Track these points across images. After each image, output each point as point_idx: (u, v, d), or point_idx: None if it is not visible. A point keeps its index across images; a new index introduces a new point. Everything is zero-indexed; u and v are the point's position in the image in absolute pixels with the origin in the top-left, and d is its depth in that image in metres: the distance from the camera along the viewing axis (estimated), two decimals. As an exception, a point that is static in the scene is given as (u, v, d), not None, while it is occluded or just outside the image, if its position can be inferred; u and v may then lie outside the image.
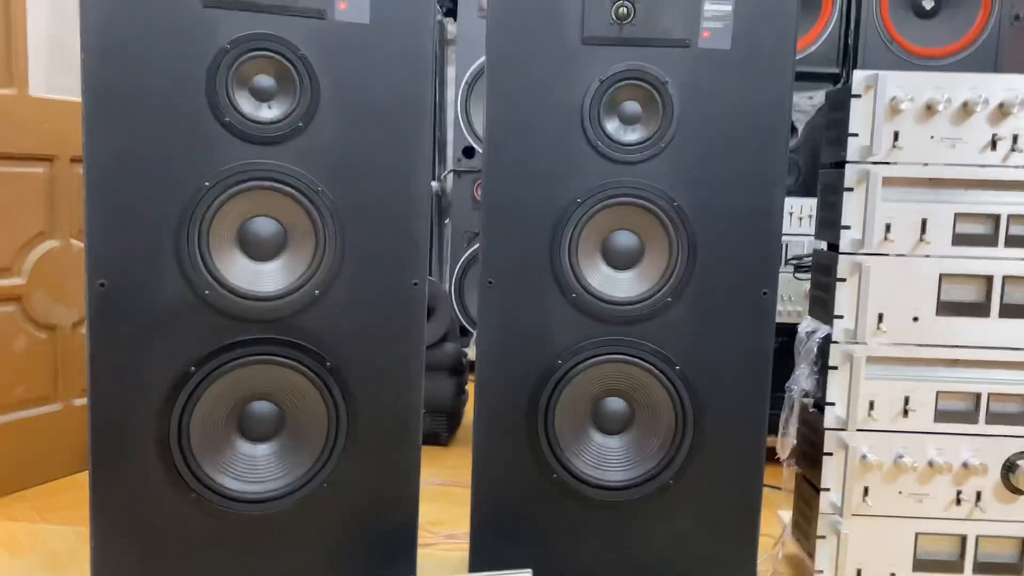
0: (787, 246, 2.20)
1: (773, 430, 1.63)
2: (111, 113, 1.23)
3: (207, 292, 1.28)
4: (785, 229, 2.27)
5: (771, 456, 1.72)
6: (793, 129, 2.62)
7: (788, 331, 1.66)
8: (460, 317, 3.21)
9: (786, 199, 2.30)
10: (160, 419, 1.29)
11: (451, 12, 3.43)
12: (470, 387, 2.41)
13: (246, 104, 1.28)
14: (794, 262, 1.84)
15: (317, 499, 1.37)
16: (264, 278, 1.32)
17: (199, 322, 1.29)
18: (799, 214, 2.25)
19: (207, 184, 1.27)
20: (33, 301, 1.99)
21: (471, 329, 3.21)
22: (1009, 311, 1.40)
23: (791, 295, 2.15)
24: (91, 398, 1.27)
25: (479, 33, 3.10)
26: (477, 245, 3.05)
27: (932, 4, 2.64)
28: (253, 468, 1.36)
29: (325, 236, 1.32)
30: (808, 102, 2.57)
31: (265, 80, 1.29)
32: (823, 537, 1.47)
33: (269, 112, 1.30)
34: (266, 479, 1.36)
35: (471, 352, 2.72)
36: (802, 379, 1.52)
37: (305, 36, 1.29)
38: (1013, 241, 1.39)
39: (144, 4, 1.22)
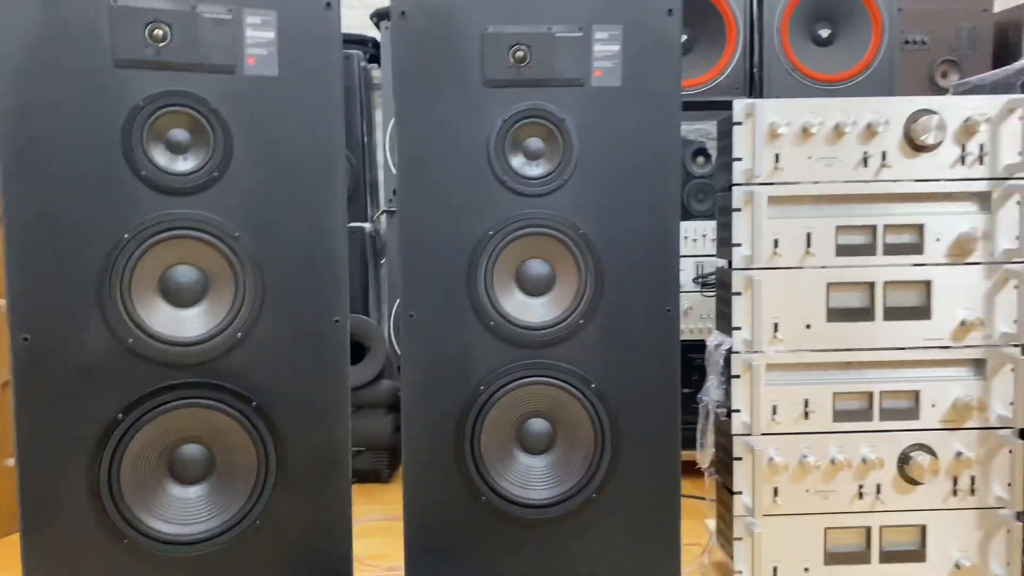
0: (701, 266, 2.31)
1: (695, 443, 1.72)
2: (28, 171, 1.27)
3: (131, 340, 1.32)
4: (700, 250, 2.40)
5: (696, 468, 1.80)
6: (708, 156, 2.76)
7: (703, 347, 1.75)
8: (396, 356, 3.25)
9: (700, 222, 2.43)
10: (90, 468, 1.32)
11: (375, 59, 3.52)
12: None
13: (161, 157, 1.34)
14: (700, 280, 1.94)
15: (251, 537, 1.40)
16: (187, 324, 1.37)
17: (125, 370, 1.33)
18: (711, 236, 2.36)
19: (126, 236, 1.31)
20: (-40, 362, 1.99)
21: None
22: (892, 314, 1.52)
23: (707, 313, 2.26)
24: (18, 452, 1.29)
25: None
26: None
27: (828, 32, 2.81)
28: (185, 511, 1.39)
29: (244, 280, 1.37)
30: (716, 130, 2.69)
31: (179, 134, 1.35)
32: (739, 539, 1.54)
33: (184, 164, 1.35)
34: (198, 520, 1.39)
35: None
36: (713, 389, 1.61)
37: (216, 91, 1.35)
38: (890, 249, 1.51)
39: (57, 65, 1.27)
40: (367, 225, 3.20)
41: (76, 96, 1.28)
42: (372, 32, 3.34)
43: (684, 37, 2.63)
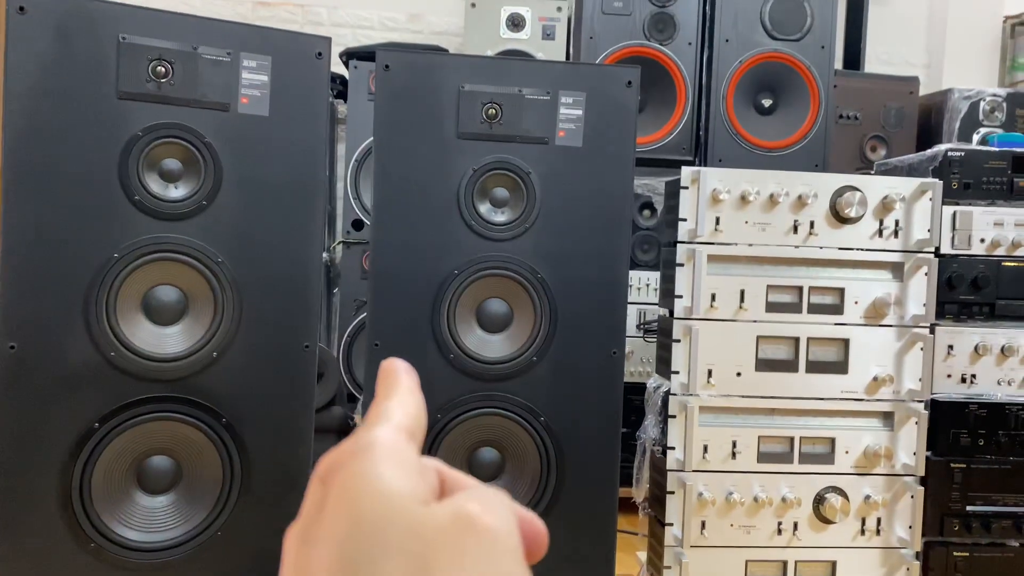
0: (644, 314, 2.47)
1: (631, 480, 1.85)
2: (28, 189, 1.35)
3: (113, 354, 1.40)
4: (643, 298, 2.55)
5: (631, 506, 1.93)
6: (654, 209, 2.93)
7: (643, 389, 1.89)
8: (347, 383, 3.33)
9: (644, 272, 2.59)
10: (63, 473, 1.38)
11: (341, 94, 3.64)
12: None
13: (154, 184, 1.43)
14: (642, 327, 2.09)
15: (213, 547, 1.47)
16: (166, 341, 1.45)
17: (104, 382, 1.40)
18: (654, 285, 2.52)
19: (116, 255, 1.40)
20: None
21: (357, 395, 3.33)
22: (813, 367, 1.68)
23: (647, 357, 2.41)
24: (-4, 453, 1.35)
25: (368, 115, 3.30)
26: (364, 314, 3.19)
27: (770, 102, 3.03)
28: (151, 519, 1.46)
29: (223, 303, 1.46)
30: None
31: (173, 163, 1.44)
32: (668, 567, 1.67)
33: (175, 191, 1.45)
34: (164, 528, 1.46)
35: (358, 417, 2.84)
36: (650, 428, 1.75)
37: (210, 125, 1.45)
38: (814, 308, 1.68)
39: (64, 93, 1.36)
40: (324, 255, 3.28)
41: (80, 122, 1.37)
42: (340, 69, 3.46)
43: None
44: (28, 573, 1.38)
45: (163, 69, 1.42)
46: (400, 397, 0.35)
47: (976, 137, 2.22)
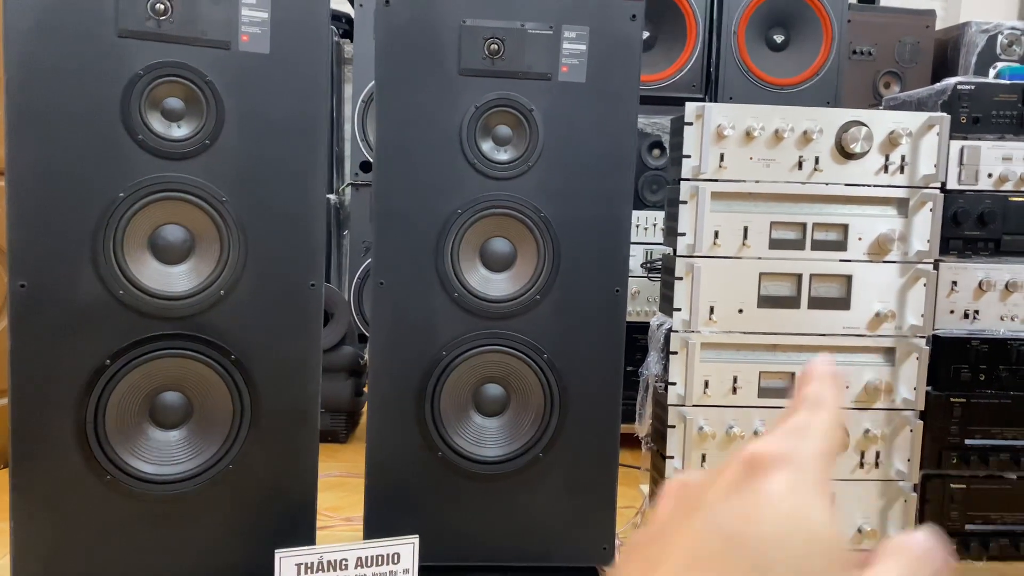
0: (650, 253, 2.47)
1: (634, 418, 1.88)
2: (32, 129, 1.36)
3: (121, 292, 1.42)
4: (650, 238, 2.55)
5: (634, 442, 1.96)
6: (664, 149, 2.90)
7: (647, 328, 1.90)
8: (358, 323, 3.37)
9: (652, 212, 2.58)
10: (78, 408, 1.42)
11: (348, 34, 3.60)
12: (367, 389, 2.57)
13: (157, 123, 1.44)
14: (647, 266, 2.10)
15: (223, 480, 1.52)
16: (173, 280, 1.47)
17: (114, 320, 1.43)
18: (661, 225, 2.51)
19: (121, 195, 1.41)
20: (-64, 308, 2.05)
21: (368, 335, 3.37)
22: (816, 303, 1.69)
23: (652, 297, 2.42)
24: (12, 390, 1.39)
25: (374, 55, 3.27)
26: (374, 255, 3.21)
27: (782, 38, 2.98)
28: (164, 452, 1.50)
29: (229, 242, 1.48)
30: (670, 125, 2.82)
31: (175, 102, 1.44)
32: (670, 499, 1.71)
33: (178, 131, 1.45)
34: (175, 462, 1.50)
35: (368, 357, 2.88)
36: (653, 365, 1.77)
37: (211, 64, 1.45)
38: (817, 245, 1.68)
39: (64, 32, 1.36)
40: (332, 197, 3.29)
41: (80, 61, 1.37)
42: (346, 8, 3.42)
43: (646, 34, 2.78)
44: (46, 505, 1.43)
45: (162, 6, 1.41)
46: (833, 416, 0.33)
47: (992, 72, 2.18)
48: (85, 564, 1.46)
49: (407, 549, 1.52)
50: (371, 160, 3.43)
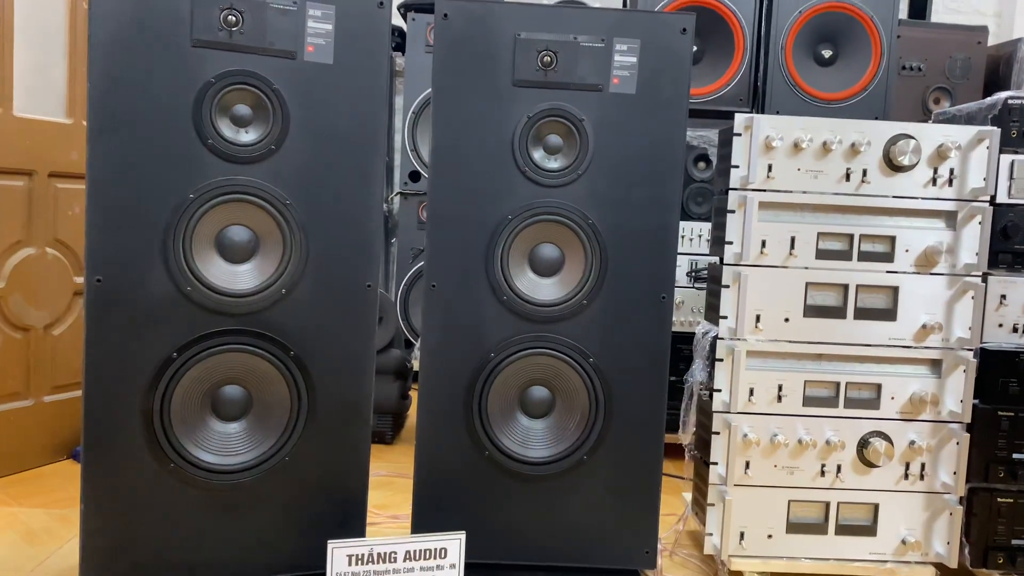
0: (695, 263, 2.49)
1: (678, 428, 1.90)
2: (112, 134, 1.44)
3: (189, 289, 1.50)
4: (695, 249, 2.58)
5: (678, 452, 1.98)
6: (709, 161, 2.93)
7: (692, 338, 1.93)
8: (405, 329, 3.43)
9: (697, 223, 2.61)
10: (145, 398, 1.49)
11: (400, 47, 3.69)
12: (413, 393, 2.62)
13: (226, 129, 1.51)
14: (693, 275, 2.12)
15: (280, 471, 1.58)
16: (238, 278, 1.54)
17: (181, 315, 1.50)
18: (706, 236, 2.54)
19: (191, 196, 1.49)
20: (10, 304, 2.16)
21: (414, 340, 3.44)
22: (862, 314, 1.70)
23: (697, 307, 2.44)
24: (86, 378, 1.46)
25: (425, 67, 3.35)
26: (421, 263, 3.27)
27: (830, 53, 2.98)
28: (224, 443, 1.57)
29: (291, 243, 1.55)
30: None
31: (243, 109, 1.52)
32: (712, 504, 1.73)
33: (246, 136, 1.52)
34: (236, 453, 1.57)
35: (415, 363, 2.94)
36: (698, 371, 1.80)
37: (278, 73, 1.52)
38: (864, 256, 1.69)
39: (142, 42, 1.44)
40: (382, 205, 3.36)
41: (157, 70, 1.45)
42: (398, 21, 3.51)
43: (695, 48, 2.81)
44: (114, 490, 1.50)
45: (234, 18, 1.48)
46: None
47: (1044, 88, 2.16)
48: (148, 547, 1.52)
49: (454, 545, 1.56)
50: (420, 170, 3.51)
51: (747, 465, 1.71)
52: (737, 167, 1.66)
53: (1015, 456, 1.71)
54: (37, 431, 2.23)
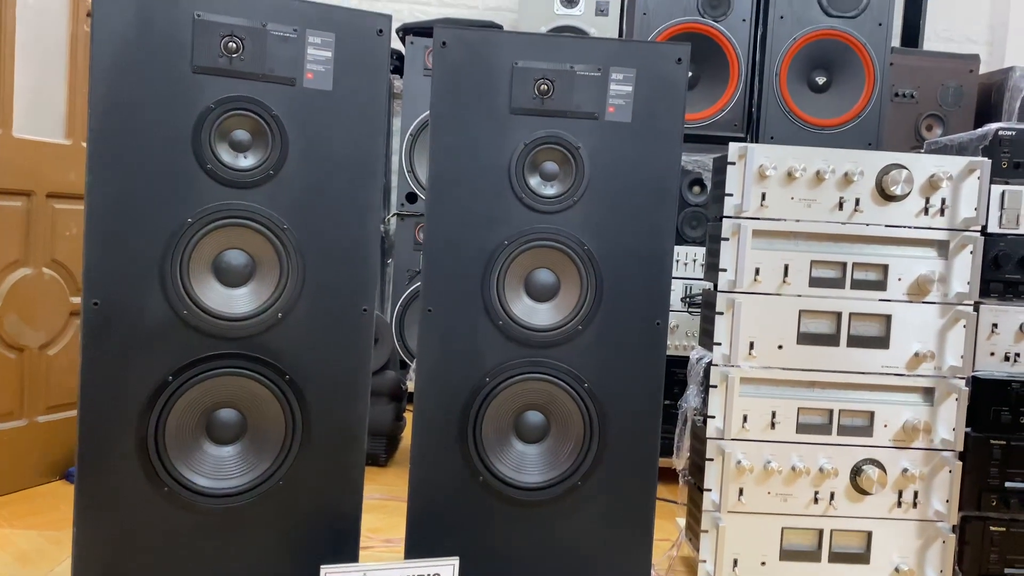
0: (689, 288, 2.51)
1: (672, 452, 1.91)
2: (111, 158, 1.45)
3: (185, 312, 1.50)
4: (689, 273, 2.59)
5: (671, 476, 1.99)
6: (704, 186, 2.95)
7: (686, 362, 1.94)
8: (400, 350, 3.44)
9: (691, 248, 2.62)
10: (140, 421, 1.49)
11: (398, 70, 3.71)
12: (408, 415, 2.62)
13: (225, 154, 1.52)
14: (687, 300, 2.13)
15: (274, 495, 1.58)
16: (234, 301, 1.55)
17: (177, 338, 1.50)
18: (700, 261, 2.55)
19: (189, 220, 1.49)
20: (5, 323, 2.16)
21: (409, 362, 3.44)
22: (855, 341, 1.71)
23: (692, 331, 2.45)
24: (81, 400, 1.46)
25: (423, 90, 3.37)
26: (417, 283, 3.28)
27: (824, 80, 3.01)
28: (218, 467, 1.56)
29: (288, 267, 1.55)
30: (712, 163, 2.85)
31: (242, 134, 1.53)
32: (706, 531, 1.73)
33: (245, 161, 1.54)
34: (230, 476, 1.57)
35: (410, 384, 2.94)
36: (692, 398, 1.80)
37: (278, 99, 1.54)
38: (857, 284, 1.71)
39: (143, 67, 1.46)
40: (379, 231, 3.37)
41: (157, 95, 1.47)
42: (396, 44, 3.53)
43: (690, 74, 2.84)
44: (108, 513, 1.49)
45: (234, 45, 1.50)
46: None
47: (1035, 117, 2.19)
48: (140, 570, 1.52)
49: (447, 570, 1.56)
50: (416, 192, 3.53)
51: (741, 492, 1.71)
52: (731, 195, 1.68)
53: (1007, 484, 1.72)
54: (30, 451, 2.22)
